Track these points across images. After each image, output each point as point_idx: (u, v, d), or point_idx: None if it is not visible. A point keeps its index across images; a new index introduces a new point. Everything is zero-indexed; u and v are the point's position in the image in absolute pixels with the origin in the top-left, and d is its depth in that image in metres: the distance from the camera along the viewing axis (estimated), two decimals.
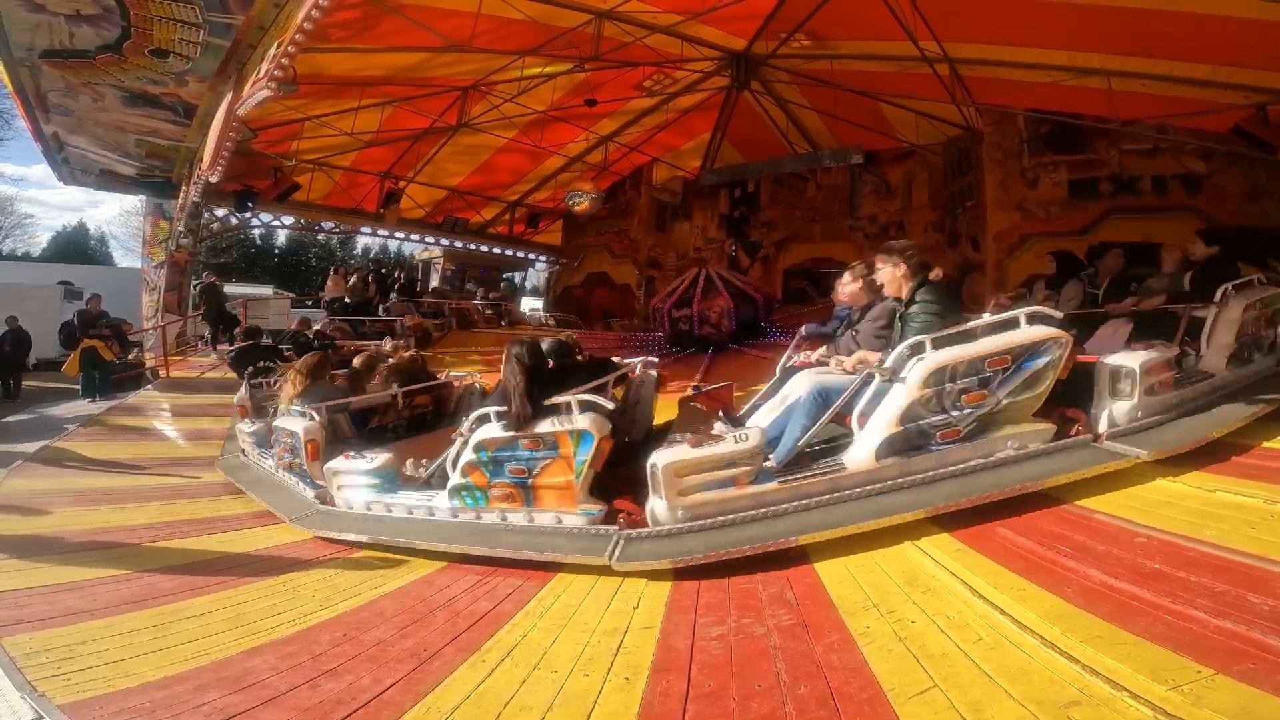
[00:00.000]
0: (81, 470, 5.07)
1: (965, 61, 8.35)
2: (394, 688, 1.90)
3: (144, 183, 12.02)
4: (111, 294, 11.82)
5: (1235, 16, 5.82)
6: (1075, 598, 1.78)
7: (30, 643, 2.28)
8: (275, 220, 14.37)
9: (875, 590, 2.09)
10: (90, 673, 2.08)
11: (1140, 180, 8.65)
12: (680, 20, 8.79)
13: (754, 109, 11.68)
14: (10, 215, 32.97)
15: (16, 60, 7.72)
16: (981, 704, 1.44)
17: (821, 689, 1.61)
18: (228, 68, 7.55)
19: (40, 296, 14.41)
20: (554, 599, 2.50)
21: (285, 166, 11.59)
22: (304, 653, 2.17)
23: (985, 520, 2.37)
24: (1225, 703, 1.29)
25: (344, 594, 2.76)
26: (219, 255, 29.50)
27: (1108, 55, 7.28)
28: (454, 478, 3.26)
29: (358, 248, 37.64)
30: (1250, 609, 1.58)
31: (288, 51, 5.55)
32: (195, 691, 1.94)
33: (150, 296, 12.49)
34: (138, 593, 2.80)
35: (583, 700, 1.74)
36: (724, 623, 2.07)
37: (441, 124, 11.20)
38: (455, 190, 14.38)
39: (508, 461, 3.07)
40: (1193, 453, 2.54)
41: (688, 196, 14.43)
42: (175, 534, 3.66)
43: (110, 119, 9.36)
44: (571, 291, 16.12)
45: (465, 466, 3.19)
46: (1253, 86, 6.85)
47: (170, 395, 7.94)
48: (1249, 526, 1.98)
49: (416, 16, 7.49)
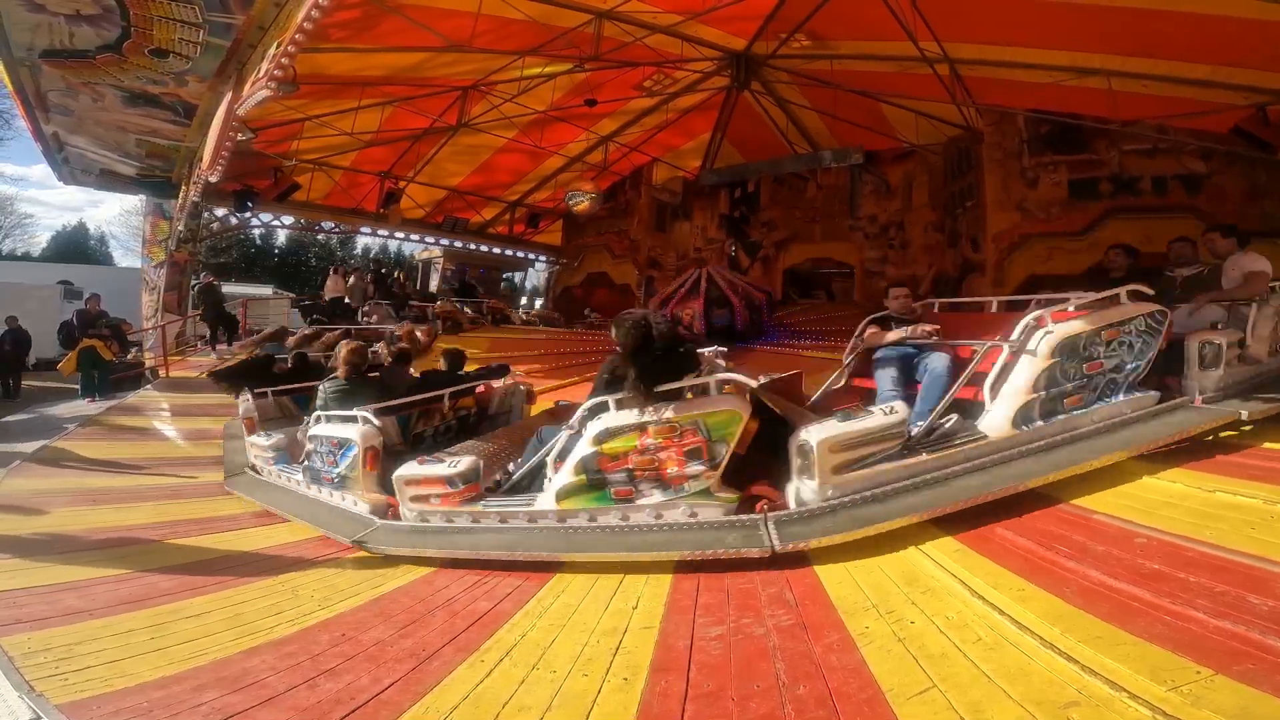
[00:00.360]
0: (80, 470, 5.07)
1: (965, 62, 8.35)
2: (392, 688, 1.90)
3: (144, 182, 12.02)
4: (111, 294, 11.82)
5: (1235, 17, 5.82)
6: (1074, 598, 1.78)
7: (28, 643, 2.27)
8: (275, 220, 14.37)
9: (874, 590, 2.09)
10: (88, 673, 2.08)
11: (1140, 180, 8.64)
12: (680, 20, 8.78)
13: (754, 109, 11.67)
14: (10, 215, 33.03)
15: (16, 60, 7.72)
16: (981, 704, 1.44)
17: (820, 689, 1.61)
18: (228, 68, 7.55)
19: (40, 296, 14.42)
20: (553, 599, 2.50)
21: (285, 166, 11.59)
22: (302, 653, 2.17)
23: (984, 521, 2.37)
24: (1224, 703, 1.29)
25: (343, 594, 2.75)
26: (219, 255, 29.51)
27: (1108, 55, 7.28)
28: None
29: (358, 248, 37.70)
30: (1250, 609, 1.58)
31: (287, 51, 5.55)
32: (193, 691, 1.93)
33: (150, 296, 12.50)
34: (136, 593, 2.79)
35: (581, 700, 1.73)
36: (723, 623, 2.07)
37: (441, 124, 11.20)
38: (455, 190, 14.38)
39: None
40: (1194, 453, 2.57)
41: (688, 196, 14.42)
42: (174, 534, 3.66)
43: (110, 119, 9.36)
44: (571, 291, 16.11)
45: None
46: (1253, 87, 6.85)
47: (169, 395, 7.94)
48: (1248, 527, 1.98)
49: (416, 16, 7.49)
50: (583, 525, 2.88)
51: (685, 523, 2.71)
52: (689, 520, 2.71)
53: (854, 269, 12.63)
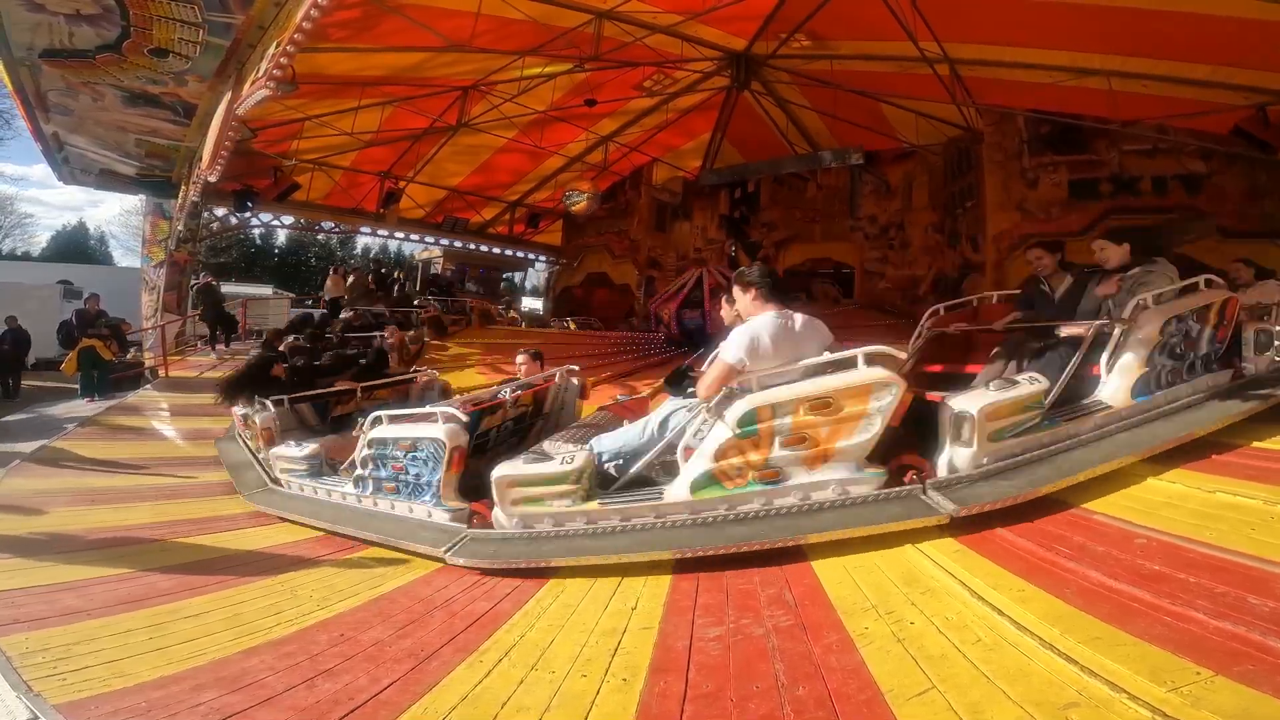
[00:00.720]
0: (79, 470, 5.07)
1: (965, 62, 8.34)
2: (391, 688, 1.89)
3: (144, 182, 12.02)
4: (111, 294, 11.81)
5: (1235, 17, 5.82)
6: (1074, 599, 1.77)
7: (26, 642, 2.27)
8: (275, 220, 14.38)
9: (874, 591, 2.08)
10: (86, 673, 2.07)
11: (1140, 181, 8.64)
12: (680, 20, 8.78)
13: (754, 109, 11.67)
14: (10, 215, 33.06)
15: (16, 60, 7.72)
16: (980, 705, 1.44)
17: (820, 690, 1.60)
18: (227, 67, 7.54)
19: (40, 296, 14.42)
20: (552, 599, 2.50)
21: (285, 166, 11.58)
22: (301, 653, 2.16)
23: (984, 521, 2.37)
24: (1224, 704, 1.28)
25: (342, 594, 2.75)
26: (219, 255, 29.53)
27: (1108, 55, 7.28)
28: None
29: (358, 247, 37.71)
30: (1250, 610, 1.57)
31: (286, 51, 5.54)
32: (192, 691, 1.93)
33: (149, 296, 12.49)
34: (135, 592, 2.79)
35: (580, 701, 1.73)
36: (722, 623, 2.07)
37: (441, 124, 11.20)
38: (455, 190, 14.39)
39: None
40: (1193, 454, 2.58)
41: (688, 196, 14.42)
42: (173, 533, 3.66)
43: (110, 118, 9.35)
44: (571, 291, 16.12)
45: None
46: (1253, 87, 6.85)
47: (169, 395, 7.94)
48: (1249, 528, 1.98)
49: (417, 16, 7.49)
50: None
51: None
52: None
53: (854, 269, 12.64)
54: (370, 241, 32.42)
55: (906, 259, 11.79)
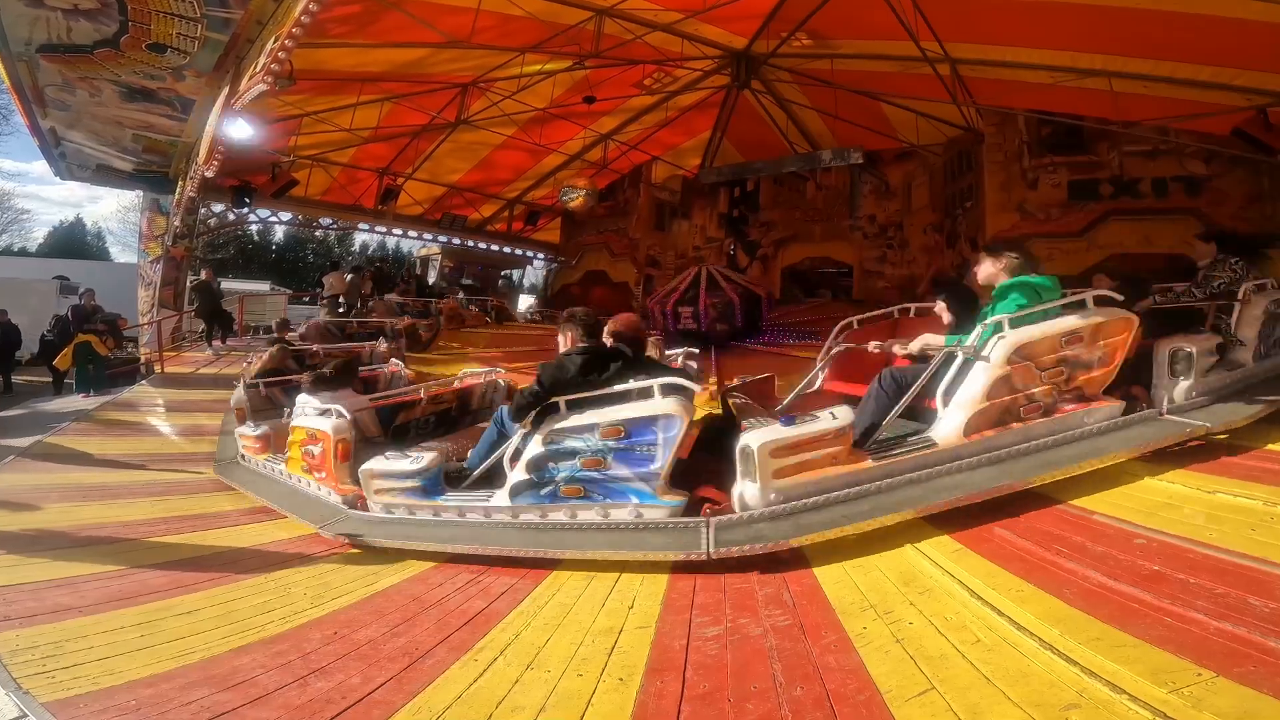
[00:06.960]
0: (73, 465, 5.03)
1: (966, 62, 8.34)
2: (384, 687, 1.87)
3: (141, 178, 11.97)
4: (108, 289, 11.78)
5: (1236, 18, 5.82)
6: (1074, 599, 1.76)
7: (16, 640, 2.24)
8: (273, 216, 14.33)
9: (873, 591, 2.07)
10: (76, 670, 2.05)
11: (1140, 182, 8.64)
12: (681, 18, 8.77)
13: (754, 108, 11.67)
14: (8, 210, 32.90)
15: (14, 55, 7.68)
16: (980, 706, 1.42)
17: (818, 690, 1.59)
18: (226, 63, 7.52)
19: (40, 292, 14.40)
20: (548, 598, 2.47)
21: (283, 162, 11.55)
22: (293, 651, 2.14)
23: (983, 521, 2.36)
24: (1225, 705, 1.27)
25: (335, 592, 2.72)
26: (216, 251, 29.44)
27: (1109, 57, 7.28)
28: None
29: (356, 244, 37.65)
30: (1251, 611, 1.56)
31: (284, 46, 5.52)
32: (182, 690, 1.91)
33: (146, 292, 12.44)
34: (126, 589, 2.76)
35: (576, 701, 1.71)
36: (720, 623, 2.05)
37: (441, 120, 11.18)
38: (454, 187, 14.37)
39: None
40: (1192, 453, 2.56)
41: (687, 195, 14.42)
42: (167, 530, 3.63)
43: (108, 114, 9.32)
44: (569, 290, 16.09)
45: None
46: (1253, 89, 6.86)
47: (165, 390, 7.90)
48: (1249, 529, 1.97)
49: (417, 12, 7.47)
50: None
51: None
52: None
53: (853, 269, 12.64)
54: (369, 238, 32.44)
55: (905, 259, 11.80)
